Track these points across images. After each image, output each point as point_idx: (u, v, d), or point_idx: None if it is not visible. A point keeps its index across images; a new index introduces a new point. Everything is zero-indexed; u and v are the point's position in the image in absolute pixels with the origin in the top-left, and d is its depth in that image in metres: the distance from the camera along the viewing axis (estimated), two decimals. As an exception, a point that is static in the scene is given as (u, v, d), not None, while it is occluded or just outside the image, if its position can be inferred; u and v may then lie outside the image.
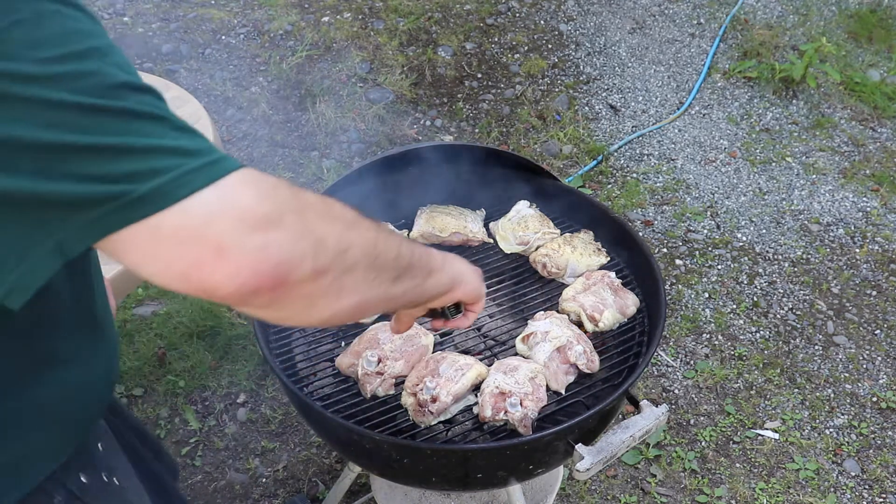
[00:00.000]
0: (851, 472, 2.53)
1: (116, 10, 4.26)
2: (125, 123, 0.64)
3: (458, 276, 1.04)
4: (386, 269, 0.82)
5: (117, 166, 0.63)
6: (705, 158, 3.84)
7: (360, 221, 0.79)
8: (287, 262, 0.67)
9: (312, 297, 0.71)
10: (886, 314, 3.09)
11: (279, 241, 0.66)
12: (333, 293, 0.73)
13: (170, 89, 2.19)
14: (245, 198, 0.65)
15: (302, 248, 0.68)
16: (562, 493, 2.39)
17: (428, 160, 1.88)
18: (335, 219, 0.74)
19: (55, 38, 0.62)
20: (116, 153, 0.63)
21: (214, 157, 0.66)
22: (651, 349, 1.54)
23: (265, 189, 0.67)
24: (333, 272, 0.72)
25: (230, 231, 0.64)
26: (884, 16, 4.83)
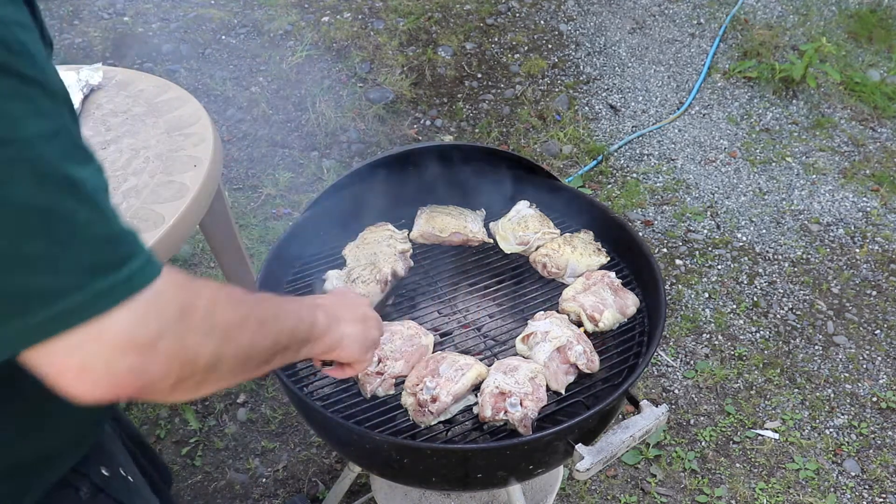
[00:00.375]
0: (851, 472, 2.53)
1: (116, 10, 4.26)
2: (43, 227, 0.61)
3: (335, 343, 1.04)
4: (255, 361, 0.82)
5: (21, 281, 0.61)
6: (705, 158, 3.84)
7: (244, 324, 0.79)
8: (149, 382, 0.68)
9: (170, 394, 0.72)
10: (886, 314, 3.09)
11: (146, 366, 0.67)
12: (192, 390, 0.74)
13: (170, 89, 2.19)
14: (122, 324, 0.65)
15: (168, 369, 0.69)
16: (562, 493, 2.39)
17: (428, 160, 1.88)
18: (214, 334, 0.74)
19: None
20: (15, 266, 0.61)
21: (130, 278, 0.65)
22: (651, 349, 1.54)
23: (151, 310, 0.67)
24: (196, 378, 0.73)
25: (97, 355, 0.64)
26: (884, 16, 4.83)
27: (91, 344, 0.64)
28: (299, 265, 1.78)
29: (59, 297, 0.62)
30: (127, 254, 0.66)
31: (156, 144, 1.95)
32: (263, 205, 3.38)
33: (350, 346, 1.08)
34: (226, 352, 0.75)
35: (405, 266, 1.76)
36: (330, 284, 1.66)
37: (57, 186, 0.62)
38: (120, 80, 2.21)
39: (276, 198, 3.41)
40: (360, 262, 1.73)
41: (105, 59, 3.88)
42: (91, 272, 0.64)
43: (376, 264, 1.69)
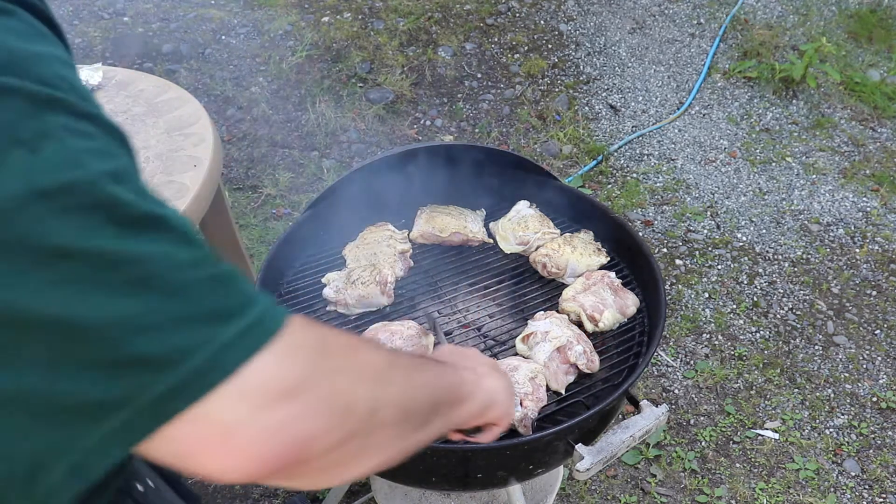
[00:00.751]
0: (851, 472, 2.53)
1: (116, 10, 4.26)
2: (147, 278, 0.52)
3: (489, 400, 0.93)
4: (416, 416, 0.72)
5: (134, 347, 0.51)
6: (705, 158, 3.84)
7: (394, 369, 0.70)
8: (307, 438, 0.57)
9: (328, 468, 0.61)
10: (886, 314, 3.09)
11: (300, 417, 0.56)
12: (353, 459, 0.63)
13: (170, 89, 2.19)
14: (264, 372, 0.55)
15: (326, 419, 0.58)
16: (562, 493, 2.39)
17: (428, 160, 1.88)
18: (365, 374, 0.65)
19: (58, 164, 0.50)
20: (135, 329, 0.51)
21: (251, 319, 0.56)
22: (651, 349, 1.54)
23: (293, 352, 0.57)
24: (360, 436, 0.62)
25: (241, 414, 0.54)
26: (884, 16, 4.83)
27: (232, 404, 0.53)
28: (299, 265, 1.78)
29: (181, 359, 0.52)
30: (246, 295, 0.57)
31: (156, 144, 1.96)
32: (263, 205, 3.38)
33: (503, 401, 0.97)
34: (382, 396, 0.65)
35: (405, 266, 1.76)
36: (330, 288, 1.66)
37: (142, 228, 0.52)
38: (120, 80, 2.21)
39: (276, 198, 3.41)
40: (360, 263, 1.73)
41: (105, 59, 3.88)
42: (212, 321, 0.54)
43: (376, 265, 1.69)
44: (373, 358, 0.68)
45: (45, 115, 0.50)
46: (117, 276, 0.50)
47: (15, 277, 0.48)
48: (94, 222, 0.50)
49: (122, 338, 0.50)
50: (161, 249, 0.53)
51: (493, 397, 0.94)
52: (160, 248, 0.53)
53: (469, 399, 0.88)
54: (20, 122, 0.49)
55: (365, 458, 0.64)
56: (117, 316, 0.50)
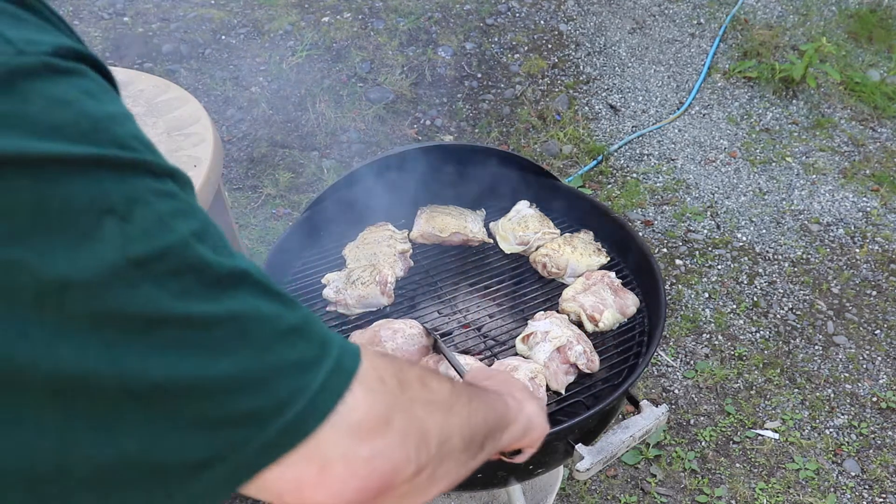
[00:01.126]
0: (851, 472, 2.53)
1: (116, 10, 4.26)
2: (241, 336, 0.53)
3: (529, 423, 0.97)
4: (475, 444, 0.75)
5: (237, 404, 0.52)
6: (705, 158, 3.84)
7: (456, 397, 0.72)
8: (393, 469, 0.60)
9: (405, 496, 0.64)
10: (886, 314, 3.09)
11: (387, 448, 0.59)
12: (425, 487, 0.65)
13: (170, 89, 2.19)
14: (354, 410, 0.57)
15: (407, 450, 0.61)
16: (562, 493, 2.39)
17: (428, 160, 1.88)
18: (436, 404, 0.68)
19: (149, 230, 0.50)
20: (238, 386, 0.52)
21: (333, 361, 0.58)
22: (651, 349, 1.54)
23: (375, 385, 0.60)
24: (432, 465, 0.64)
25: (339, 445, 0.56)
26: (884, 16, 4.83)
27: (328, 442, 0.56)
28: (299, 265, 1.78)
29: (281, 410, 0.53)
30: (324, 337, 0.58)
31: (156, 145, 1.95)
32: (263, 205, 3.38)
33: (540, 424, 1.01)
34: (450, 426, 0.68)
35: (405, 266, 1.76)
36: (330, 288, 1.66)
37: (228, 286, 0.53)
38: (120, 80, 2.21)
39: (276, 198, 3.41)
40: (360, 263, 1.73)
41: (105, 59, 3.88)
42: (303, 369, 0.55)
43: (376, 265, 1.69)
44: (440, 388, 0.70)
45: (131, 179, 0.50)
46: (213, 338, 0.51)
47: (116, 349, 0.48)
48: (185, 286, 0.51)
49: (223, 398, 0.51)
50: (248, 305, 0.54)
51: (533, 421, 0.98)
52: (248, 304, 0.54)
53: (514, 424, 0.91)
54: (110, 191, 0.49)
55: (433, 487, 0.67)
56: (217, 377, 0.51)
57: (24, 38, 0.48)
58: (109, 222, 0.48)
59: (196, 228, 0.53)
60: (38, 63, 0.48)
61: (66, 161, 0.47)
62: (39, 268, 0.46)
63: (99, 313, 0.47)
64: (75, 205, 0.47)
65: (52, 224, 0.46)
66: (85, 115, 0.49)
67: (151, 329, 0.49)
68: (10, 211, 0.45)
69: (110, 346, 0.48)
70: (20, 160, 0.46)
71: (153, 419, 0.50)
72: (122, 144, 0.51)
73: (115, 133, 0.51)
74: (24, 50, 0.48)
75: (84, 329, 0.47)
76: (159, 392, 0.49)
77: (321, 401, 0.56)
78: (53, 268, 0.46)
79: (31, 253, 0.46)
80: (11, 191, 0.45)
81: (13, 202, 0.45)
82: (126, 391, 0.48)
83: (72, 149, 0.48)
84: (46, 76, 0.48)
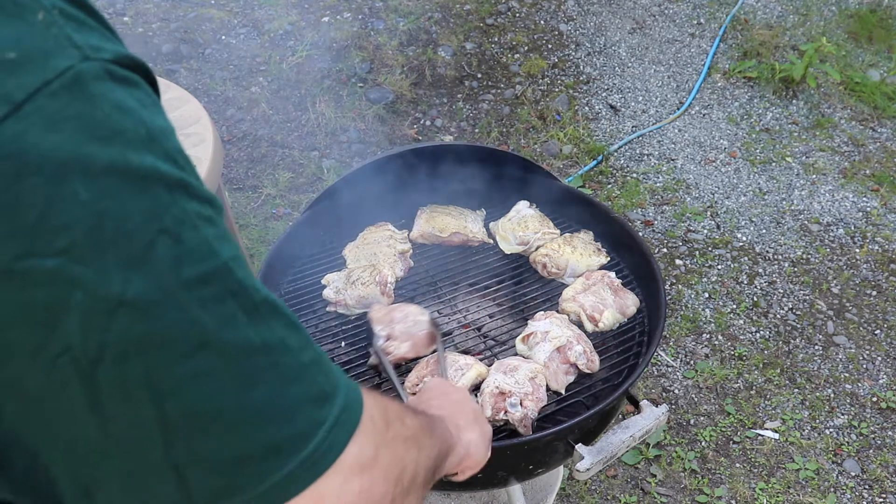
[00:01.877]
0: (851, 472, 2.53)
1: (116, 10, 4.26)
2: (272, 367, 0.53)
3: (465, 452, 0.99)
4: (431, 476, 0.77)
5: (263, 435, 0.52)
6: (705, 158, 3.84)
7: (423, 433, 0.74)
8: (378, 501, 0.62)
9: None
10: (886, 314, 3.09)
11: (374, 483, 0.61)
12: None
13: (170, 89, 2.19)
14: (357, 443, 0.59)
15: (388, 484, 0.63)
16: (562, 493, 2.39)
17: (428, 160, 1.88)
18: (412, 440, 0.70)
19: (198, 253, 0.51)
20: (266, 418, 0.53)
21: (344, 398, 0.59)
22: (651, 349, 1.54)
23: (367, 423, 0.61)
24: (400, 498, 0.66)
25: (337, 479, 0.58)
26: (884, 16, 4.83)
27: (330, 478, 0.57)
28: (299, 265, 1.78)
29: (303, 443, 0.54)
30: (335, 373, 0.60)
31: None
32: (263, 205, 3.38)
33: (477, 453, 1.02)
34: (421, 459, 0.70)
35: (405, 266, 1.76)
36: (330, 289, 1.66)
37: (265, 315, 0.54)
38: (120, 80, 2.21)
39: (276, 198, 3.41)
40: (360, 263, 1.73)
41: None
42: (320, 404, 0.56)
43: (376, 265, 1.69)
44: (412, 424, 0.72)
45: (181, 201, 0.50)
46: (248, 367, 0.52)
47: (155, 372, 0.48)
48: (228, 312, 0.51)
49: (251, 429, 0.52)
50: (279, 336, 0.55)
51: (469, 449, 1.00)
52: (278, 334, 0.55)
53: (452, 454, 0.92)
54: (164, 209, 0.49)
55: None
56: (249, 407, 0.52)
57: (89, 43, 0.49)
58: (162, 242, 0.48)
59: (234, 254, 0.53)
60: (102, 70, 0.49)
61: (126, 173, 0.47)
62: (95, 286, 0.46)
63: (145, 335, 0.48)
64: (131, 222, 0.47)
65: (109, 240, 0.46)
66: (143, 123, 0.50)
67: (194, 354, 0.49)
68: (69, 224, 0.45)
69: (150, 369, 0.48)
70: (83, 168, 0.46)
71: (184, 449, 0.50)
72: (172, 158, 0.51)
73: (166, 146, 0.51)
74: (89, 56, 0.48)
75: (127, 352, 0.47)
76: (191, 420, 0.50)
77: (336, 436, 0.56)
78: (109, 286, 0.46)
79: (88, 269, 0.46)
80: (72, 202, 0.45)
81: (74, 216, 0.45)
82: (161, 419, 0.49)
83: (132, 157, 0.48)
84: (110, 82, 0.49)
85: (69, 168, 0.45)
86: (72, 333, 0.46)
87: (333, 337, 1.65)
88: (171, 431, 0.49)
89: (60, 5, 0.49)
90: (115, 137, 0.47)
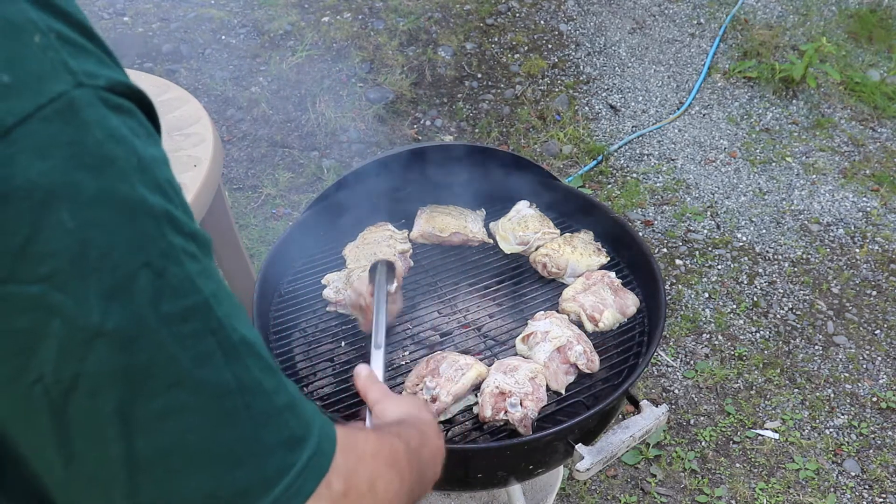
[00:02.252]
0: (851, 472, 2.53)
1: (116, 9, 4.26)
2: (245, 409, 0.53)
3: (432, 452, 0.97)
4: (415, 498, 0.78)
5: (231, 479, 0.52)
6: (705, 158, 3.84)
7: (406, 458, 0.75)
8: None
9: None
10: (886, 314, 3.09)
11: None
12: None
13: (170, 89, 2.19)
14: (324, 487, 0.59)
15: None
16: (562, 493, 2.39)
17: (428, 160, 1.88)
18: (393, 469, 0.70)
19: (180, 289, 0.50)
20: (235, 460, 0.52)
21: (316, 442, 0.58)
22: (651, 349, 1.54)
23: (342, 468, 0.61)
24: None
25: None
26: (884, 16, 4.83)
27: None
28: (299, 265, 1.78)
29: (272, 487, 0.54)
30: (309, 414, 0.59)
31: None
32: (263, 205, 3.38)
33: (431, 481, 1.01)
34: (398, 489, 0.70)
35: (405, 266, 1.76)
36: (330, 289, 1.66)
37: (242, 355, 0.54)
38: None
39: (276, 198, 3.41)
40: (360, 263, 1.73)
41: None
42: (292, 446, 0.56)
43: (376, 264, 1.69)
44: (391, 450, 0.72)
45: (167, 235, 0.50)
46: (221, 408, 0.51)
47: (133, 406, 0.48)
48: (206, 349, 0.51)
49: (220, 471, 0.51)
50: (255, 377, 0.54)
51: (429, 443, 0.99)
52: (254, 376, 0.54)
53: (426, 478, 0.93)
54: (149, 242, 0.49)
55: None
56: (219, 449, 0.51)
57: (84, 69, 0.49)
58: (145, 275, 0.48)
59: (215, 290, 0.53)
60: (96, 96, 0.48)
61: (114, 204, 0.47)
62: (75, 314, 0.46)
63: (121, 368, 0.47)
64: (116, 253, 0.47)
65: (92, 269, 0.46)
66: (135, 152, 0.50)
67: (168, 391, 0.49)
68: (54, 252, 0.45)
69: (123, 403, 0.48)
70: (70, 196, 0.46)
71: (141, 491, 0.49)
72: (163, 190, 0.51)
73: (158, 177, 0.51)
74: (83, 82, 0.48)
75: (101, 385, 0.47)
76: (160, 458, 0.49)
77: (305, 480, 0.56)
78: (88, 316, 0.46)
79: (68, 298, 0.46)
80: (58, 230, 0.45)
81: (59, 243, 0.45)
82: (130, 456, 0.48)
83: (121, 187, 0.48)
84: (103, 109, 0.49)
85: (57, 196, 0.45)
86: (46, 362, 0.46)
87: (333, 337, 1.65)
88: (139, 470, 0.49)
89: (58, 28, 0.49)
90: (105, 166, 0.47)
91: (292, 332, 1.63)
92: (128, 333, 0.47)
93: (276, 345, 1.57)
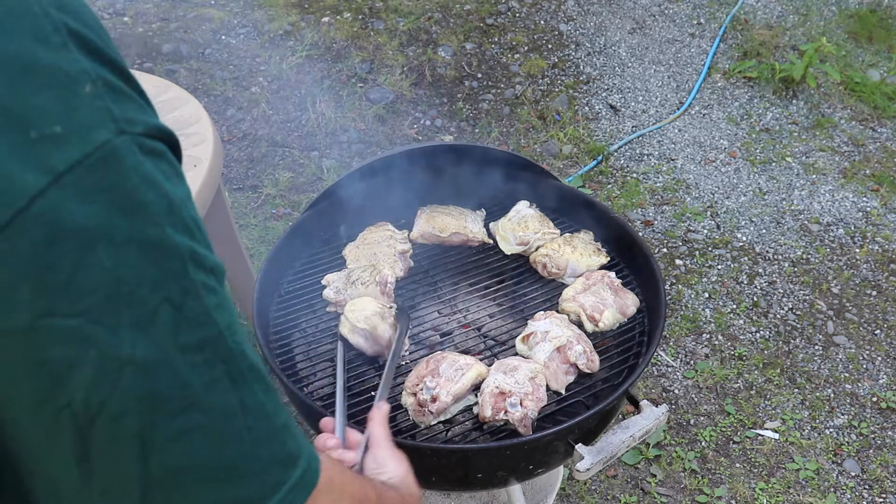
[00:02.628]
0: (851, 472, 2.53)
1: (116, 9, 4.26)
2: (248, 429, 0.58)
3: None
4: None
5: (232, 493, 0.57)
6: (705, 158, 3.84)
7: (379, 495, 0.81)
8: None
9: None
10: (886, 314, 3.09)
11: None
12: None
13: (170, 89, 2.19)
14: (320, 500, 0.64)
15: None
16: (562, 493, 2.39)
17: (428, 160, 1.88)
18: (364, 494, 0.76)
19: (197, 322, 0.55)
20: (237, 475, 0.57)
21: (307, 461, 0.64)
22: (651, 349, 1.54)
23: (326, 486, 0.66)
24: None
25: None
26: (884, 16, 4.83)
27: None
28: (299, 265, 1.78)
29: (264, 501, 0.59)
30: (300, 438, 0.64)
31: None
32: (263, 205, 3.38)
33: None
34: None
35: (405, 266, 1.76)
36: (330, 289, 1.66)
37: (247, 380, 0.59)
38: (120, 80, 2.21)
39: (276, 198, 3.41)
40: (360, 263, 1.73)
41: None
42: (286, 465, 0.61)
43: (376, 265, 1.69)
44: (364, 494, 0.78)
45: (189, 272, 0.55)
46: (227, 428, 0.57)
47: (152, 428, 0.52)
48: (217, 375, 0.56)
49: (226, 484, 0.56)
50: (259, 401, 0.60)
51: None
52: (258, 399, 0.60)
53: None
54: (172, 279, 0.54)
55: None
56: (224, 465, 0.56)
57: (125, 116, 0.54)
58: (165, 310, 0.53)
59: (230, 321, 0.58)
60: (135, 143, 0.53)
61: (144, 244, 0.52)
62: (109, 345, 0.51)
63: (144, 394, 0.52)
64: (143, 288, 0.52)
65: (124, 304, 0.51)
66: (165, 195, 0.54)
67: (183, 413, 0.53)
68: (94, 289, 0.50)
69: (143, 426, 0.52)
70: (108, 237, 0.50)
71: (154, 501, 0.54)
72: (188, 228, 0.56)
73: (184, 216, 0.56)
74: (124, 129, 0.53)
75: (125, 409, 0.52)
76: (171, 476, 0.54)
77: (296, 496, 0.61)
78: (120, 346, 0.51)
79: (104, 330, 0.51)
80: (97, 268, 0.50)
81: (97, 281, 0.50)
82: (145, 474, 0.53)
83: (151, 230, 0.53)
84: (140, 155, 0.53)
85: (97, 237, 0.50)
86: (78, 389, 0.50)
87: (333, 337, 1.65)
88: (151, 486, 0.53)
89: (105, 76, 0.54)
90: (138, 210, 0.52)
91: (292, 332, 1.63)
92: (151, 362, 0.52)
93: (276, 345, 1.57)
